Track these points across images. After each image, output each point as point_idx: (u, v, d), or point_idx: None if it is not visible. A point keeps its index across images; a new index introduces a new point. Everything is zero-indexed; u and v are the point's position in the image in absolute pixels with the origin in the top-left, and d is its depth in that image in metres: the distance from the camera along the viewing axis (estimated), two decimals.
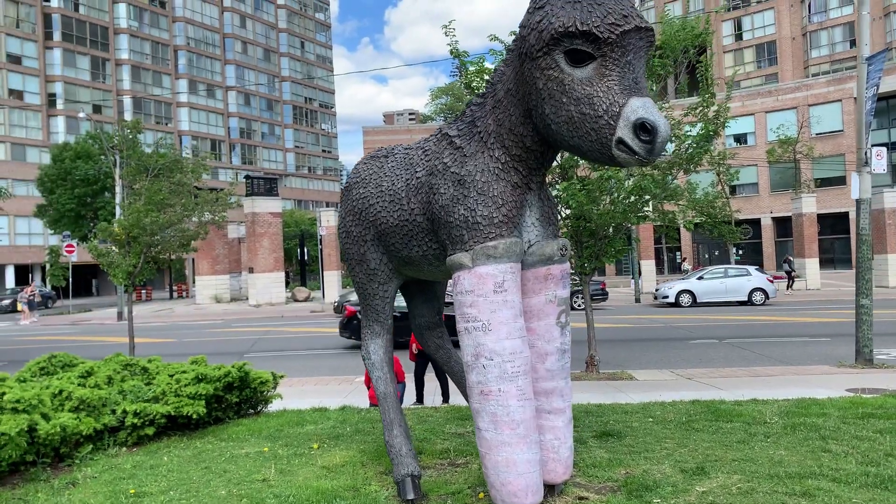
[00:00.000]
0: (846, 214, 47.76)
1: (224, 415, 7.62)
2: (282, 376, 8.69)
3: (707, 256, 53.63)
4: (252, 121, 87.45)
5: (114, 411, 6.42)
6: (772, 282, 27.80)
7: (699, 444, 6.06)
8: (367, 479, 5.39)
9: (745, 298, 27.19)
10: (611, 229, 12.41)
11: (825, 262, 46.62)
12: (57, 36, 65.12)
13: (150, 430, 6.45)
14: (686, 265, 46.74)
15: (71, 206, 43.05)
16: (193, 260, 43.63)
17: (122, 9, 71.97)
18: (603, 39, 3.75)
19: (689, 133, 12.13)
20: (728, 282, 27.61)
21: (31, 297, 35.30)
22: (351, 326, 16.41)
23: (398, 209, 5.05)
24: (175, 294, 54.83)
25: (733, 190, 49.73)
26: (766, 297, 27.12)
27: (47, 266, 44.74)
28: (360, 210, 5.42)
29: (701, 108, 12.59)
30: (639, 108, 3.72)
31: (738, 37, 66.84)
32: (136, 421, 6.35)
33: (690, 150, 12.09)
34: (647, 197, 12.21)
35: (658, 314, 24.81)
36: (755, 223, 51.95)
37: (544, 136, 4.27)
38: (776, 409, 7.58)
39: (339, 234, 5.83)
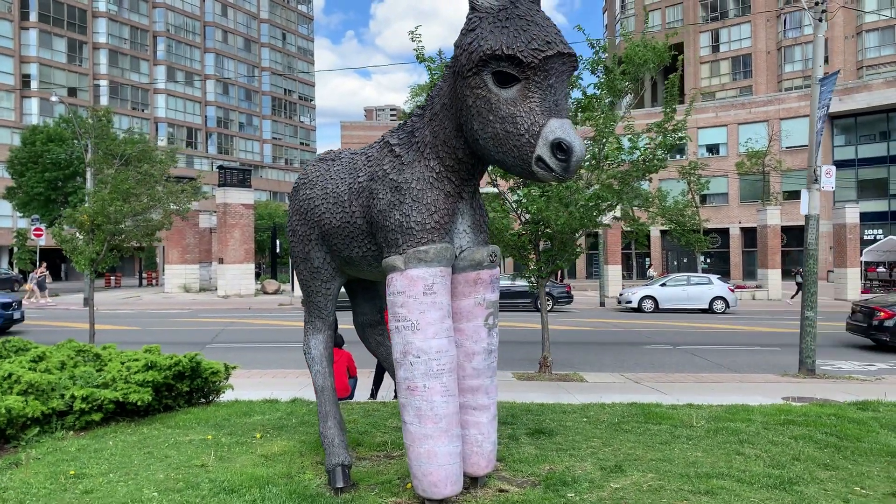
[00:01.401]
0: None
1: (174, 403, 7.81)
2: (234, 367, 8.90)
3: (676, 263, 54.48)
4: (230, 110, 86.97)
5: (63, 396, 6.60)
6: (733, 291, 28.40)
7: (623, 444, 6.39)
8: (303, 467, 5.64)
9: (707, 306, 27.78)
10: (569, 234, 12.74)
11: (791, 274, 47.60)
12: (34, 17, 64.35)
13: (97, 416, 6.64)
14: (652, 271, 47.46)
15: (41, 190, 42.69)
16: (164, 248, 43.39)
17: None
18: (526, 63, 4.04)
19: (645, 146, 12.47)
20: (690, 289, 28.18)
21: (41, 277, 35.24)
22: None
23: (341, 211, 5.30)
24: (145, 282, 54.48)
25: (704, 199, 50.55)
26: (727, 305, 27.72)
27: (14, 249, 44.20)
28: (305, 210, 5.66)
29: (662, 122, 12.94)
30: (557, 128, 4.01)
31: (715, 48, 67.89)
32: (83, 406, 6.54)
33: (648, 161, 12.42)
34: (605, 205, 12.55)
35: (620, 319, 25.28)
36: (724, 233, 52.90)
37: (474, 150, 4.55)
38: (706, 413, 7.94)
39: (286, 232, 6.06)
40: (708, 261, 52.61)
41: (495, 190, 12.78)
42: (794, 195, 48.99)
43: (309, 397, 9.24)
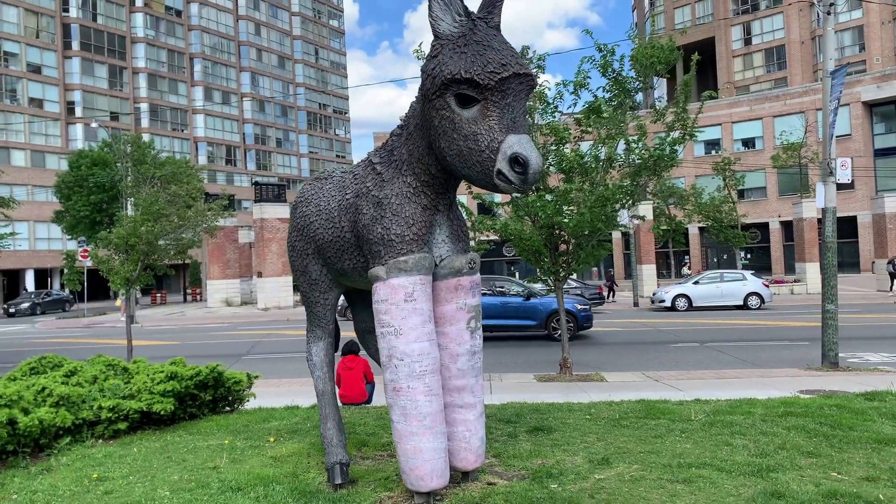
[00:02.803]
0: (854, 218, 47.86)
1: (198, 411, 8.30)
2: (256, 377, 9.36)
3: (716, 260, 53.85)
4: (267, 127, 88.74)
5: (91, 407, 7.12)
6: (767, 286, 28.13)
7: (617, 439, 6.64)
8: (309, 467, 6.02)
9: (741, 303, 27.57)
10: (584, 236, 12.93)
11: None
12: (76, 45, 66.67)
13: (122, 425, 7.14)
14: (686, 269, 46.98)
15: (87, 213, 44.27)
16: (206, 264, 44.56)
17: (139, 18, 73.51)
18: (483, 85, 4.37)
19: (654, 147, 12.58)
20: (724, 286, 28.00)
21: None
22: None
23: (332, 226, 5.69)
24: (189, 297, 55.95)
25: (741, 194, 49.99)
26: (762, 301, 27.47)
27: (64, 271, 45.86)
28: (302, 227, 6.07)
29: (673, 120, 13.03)
30: (514, 143, 4.33)
31: (748, 41, 66.98)
32: (110, 416, 7.04)
33: (656, 158, 12.49)
34: (616, 205, 12.72)
35: (651, 318, 25.27)
36: (763, 227, 52.13)
37: (444, 166, 4.89)
38: (709, 408, 8.12)
39: (287, 247, 6.49)
40: (748, 256, 51.92)
41: (508, 196, 13.07)
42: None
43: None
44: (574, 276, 32.37)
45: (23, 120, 61.77)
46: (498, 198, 20.64)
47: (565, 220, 12.11)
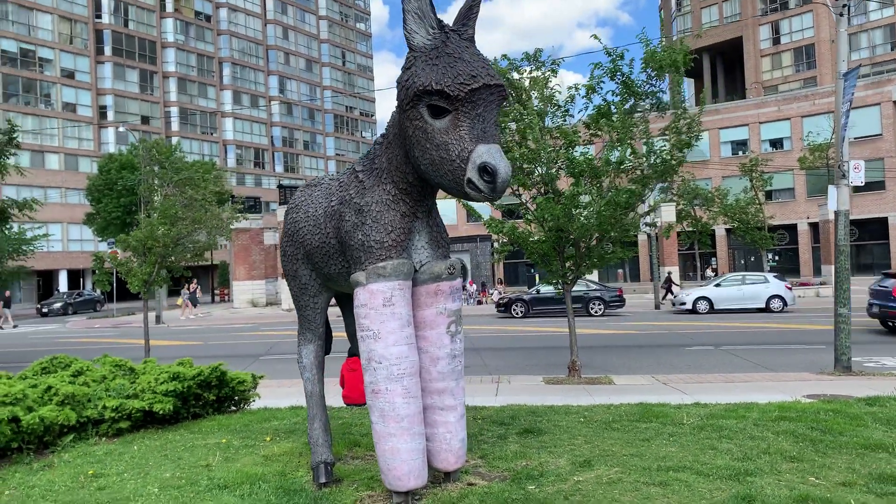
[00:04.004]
0: (885, 220, 47.02)
1: (202, 411, 8.52)
2: (261, 377, 9.58)
3: (743, 262, 53.20)
4: (294, 130, 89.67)
5: (96, 406, 7.37)
6: (790, 289, 27.78)
7: (605, 442, 6.70)
8: (298, 466, 6.19)
9: (763, 305, 27.27)
10: (593, 240, 12.97)
11: (863, 268, 45.97)
12: (108, 51, 68.04)
13: (125, 424, 7.38)
14: (710, 272, 46.51)
15: (117, 214, 45.19)
16: (232, 265, 45.25)
17: (169, 23, 74.79)
18: (454, 96, 4.49)
19: (662, 148, 12.56)
20: (745, 289, 27.71)
21: (193, 293, 38.34)
22: None
23: (318, 232, 5.85)
24: (217, 298, 56.79)
25: (769, 195, 49.35)
26: (785, 304, 27.13)
27: (95, 272, 46.94)
28: (292, 232, 6.24)
29: (673, 123, 12.98)
30: (484, 153, 4.44)
31: (776, 40, 66.13)
32: (113, 415, 7.29)
33: (665, 162, 12.48)
34: (628, 210, 12.73)
35: (671, 321, 25.12)
36: (791, 229, 51.38)
37: (420, 174, 5.03)
38: (705, 412, 8.13)
39: (280, 252, 6.67)
40: (776, 259, 51.23)
41: (517, 200, 13.17)
42: (862, 187, 47.29)
43: (333, 403, 9.83)
44: (589, 277, 32.40)
45: (57, 124, 63.17)
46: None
47: (572, 224, 12.15)
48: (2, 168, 16.04)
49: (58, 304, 46.42)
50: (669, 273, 39.90)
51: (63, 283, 60.75)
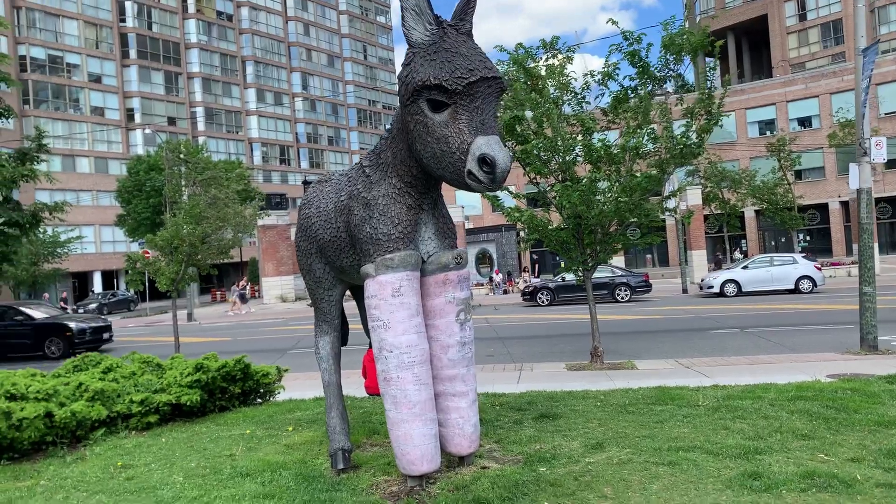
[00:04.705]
0: None
1: (228, 404, 8.77)
2: (286, 370, 9.81)
3: (773, 244, 52.54)
4: (318, 125, 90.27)
5: (125, 401, 7.64)
6: (820, 269, 27.45)
7: (619, 425, 6.79)
8: (318, 454, 6.38)
9: (793, 287, 26.98)
10: (612, 226, 12.99)
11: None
12: (133, 54, 69.07)
13: (153, 418, 7.65)
14: (738, 254, 45.99)
15: (147, 215, 46.02)
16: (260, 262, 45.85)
17: (192, 24, 75.68)
18: (452, 90, 4.61)
19: (683, 134, 12.47)
20: (774, 270, 27.44)
21: (243, 290, 39.33)
22: None
23: (330, 227, 6.01)
24: (248, 295, 57.51)
25: (798, 175, 48.62)
26: (814, 284, 26.84)
27: (128, 272, 47.93)
28: (306, 227, 6.41)
29: (696, 107, 12.91)
30: (482, 145, 4.56)
31: (802, 16, 64.87)
32: (141, 409, 7.56)
33: (682, 146, 12.43)
34: (646, 196, 12.73)
35: (698, 305, 24.99)
36: (822, 208, 50.61)
37: (423, 167, 5.15)
38: (723, 393, 8.16)
39: (295, 247, 6.85)
40: (807, 239, 50.52)
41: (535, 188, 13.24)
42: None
43: (356, 394, 10.03)
44: (615, 263, 32.30)
45: (86, 128, 64.35)
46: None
47: (590, 211, 12.18)
48: (32, 174, 16.48)
49: (93, 305, 47.40)
50: (719, 255, 39.62)
51: (98, 284, 62.01)
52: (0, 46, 54.21)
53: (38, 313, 20.91)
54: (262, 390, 9.43)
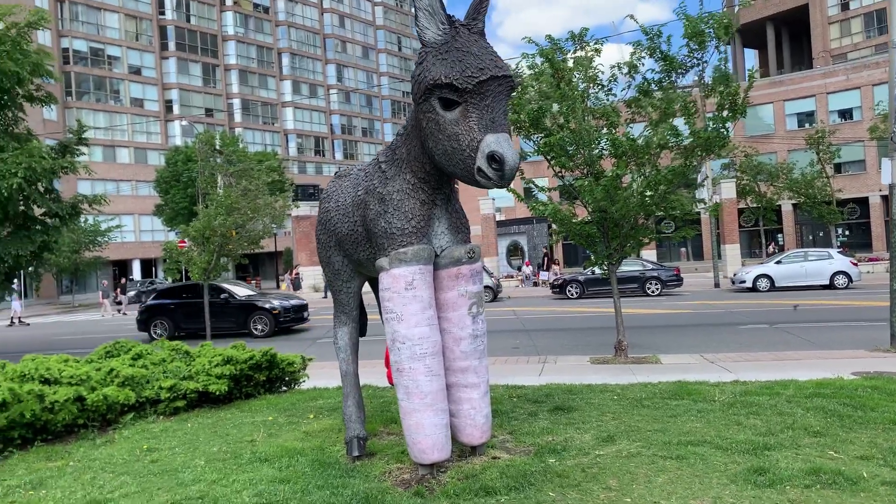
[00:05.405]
0: None
1: (254, 391, 9.02)
2: (310, 359, 10.04)
3: (811, 238, 51.59)
4: (352, 117, 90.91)
5: (153, 387, 7.93)
6: (856, 265, 26.97)
7: (632, 418, 6.86)
8: (336, 441, 6.57)
9: (827, 282, 26.57)
10: (638, 220, 12.94)
11: None
12: (171, 46, 70.27)
13: (180, 403, 7.92)
14: (772, 248, 45.26)
15: (184, 205, 46.93)
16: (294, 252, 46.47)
17: (229, 17, 76.68)
18: (462, 89, 4.73)
19: (706, 127, 12.36)
20: (808, 265, 27.03)
21: (296, 278, 40.73)
22: None
23: (347, 221, 6.17)
24: (282, 284, 58.34)
25: (838, 168, 47.69)
26: (850, 280, 26.38)
27: (166, 260, 48.97)
28: (325, 221, 6.58)
29: (720, 97, 12.72)
30: (492, 142, 4.68)
31: (845, 6, 63.38)
32: (169, 395, 7.83)
33: (706, 138, 12.28)
34: (671, 189, 12.66)
35: (729, 300, 24.75)
36: (863, 202, 49.50)
37: (435, 163, 5.28)
38: (741, 389, 8.17)
39: (315, 240, 7.04)
40: (846, 234, 49.52)
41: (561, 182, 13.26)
42: None
43: (379, 384, 10.22)
44: (647, 256, 32.08)
45: (126, 119, 65.68)
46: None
47: (614, 205, 12.17)
48: (72, 167, 16.98)
49: (132, 293, 48.50)
50: (772, 243, 39.05)
51: (137, 272, 63.38)
52: (44, 39, 55.54)
53: (241, 291, 21.19)
54: (287, 378, 9.67)
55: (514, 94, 13.10)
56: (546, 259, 39.34)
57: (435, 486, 5.23)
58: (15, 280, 37.89)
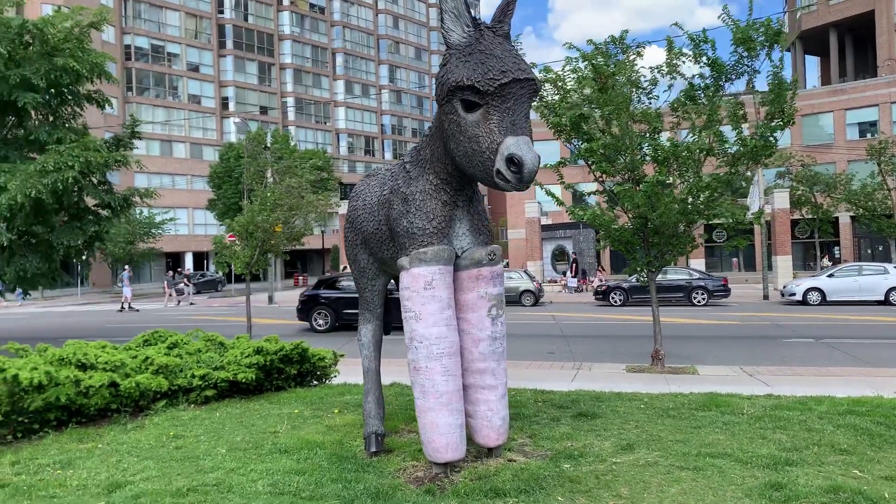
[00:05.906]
0: None
1: (284, 384, 9.18)
2: (341, 355, 10.16)
3: (869, 252, 49.93)
4: (403, 117, 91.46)
5: (186, 376, 8.14)
6: None
7: (655, 427, 6.77)
8: (356, 436, 6.64)
9: (882, 298, 25.70)
10: (681, 227, 12.74)
11: None
12: (229, 44, 71.75)
13: (210, 392, 8.12)
14: (826, 261, 43.92)
15: (235, 200, 47.88)
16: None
17: (285, 16, 77.94)
18: (484, 91, 4.75)
19: (753, 136, 12.10)
20: (862, 280, 26.17)
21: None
22: None
23: (373, 219, 6.25)
24: None
25: None
26: None
27: (217, 253, 50.10)
28: (353, 220, 6.68)
29: (771, 108, 12.48)
30: (511, 145, 4.69)
31: None
32: (200, 384, 8.04)
33: (752, 146, 12.04)
34: (716, 196, 12.44)
35: (775, 312, 24.15)
36: None
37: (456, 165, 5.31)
38: (772, 403, 7.98)
39: (343, 237, 7.15)
40: None
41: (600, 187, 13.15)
42: None
43: (408, 382, 10.28)
44: (694, 265, 31.46)
45: (183, 115, 67.36)
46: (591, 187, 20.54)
47: (654, 212, 12.01)
48: (124, 161, 17.52)
49: (182, 285, 49.74)
50: (827, 260, 37.99)
51: (189, 265, 64.88)
52: (107, 37, 57.34)
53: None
54: (317, 373, 9.81)
55: (556, 97, 13.08)
56: (574, 265, 38.92)
57: (447, 484, 5.26)
58: (126, 267, 39.27)
